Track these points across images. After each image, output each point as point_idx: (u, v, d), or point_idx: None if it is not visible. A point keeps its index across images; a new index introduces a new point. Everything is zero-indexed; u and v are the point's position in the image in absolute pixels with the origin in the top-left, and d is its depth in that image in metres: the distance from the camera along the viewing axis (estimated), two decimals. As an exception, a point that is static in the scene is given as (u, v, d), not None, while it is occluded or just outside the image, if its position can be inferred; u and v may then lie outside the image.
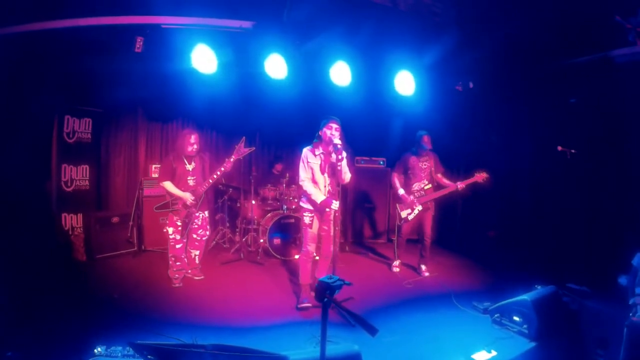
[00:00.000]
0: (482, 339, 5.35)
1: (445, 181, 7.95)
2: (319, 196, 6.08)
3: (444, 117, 9.24)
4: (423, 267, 8.14)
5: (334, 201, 6.03)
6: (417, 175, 7.95)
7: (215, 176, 6.97)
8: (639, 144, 6.69)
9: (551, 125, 7.88)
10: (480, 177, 7.61)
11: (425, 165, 7.95)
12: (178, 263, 7.10)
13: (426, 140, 7.85)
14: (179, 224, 7.01)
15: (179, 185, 6.94)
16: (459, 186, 7.69)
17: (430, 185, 7.93)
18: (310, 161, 6.16)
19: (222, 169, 6.93)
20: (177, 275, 7.07)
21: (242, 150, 6.98)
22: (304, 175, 6.18)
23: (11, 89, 6.67)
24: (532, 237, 8.20)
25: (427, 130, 7.90)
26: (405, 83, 7.90)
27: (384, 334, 5.42)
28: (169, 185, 6.89)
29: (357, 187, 10.60)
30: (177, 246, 7.05)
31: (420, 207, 7.91)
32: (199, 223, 7.23)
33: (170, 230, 7.03)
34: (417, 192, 7.92)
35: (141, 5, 6.34)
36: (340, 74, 7.53)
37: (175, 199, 6.94)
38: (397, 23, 6.89)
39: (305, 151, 6.23)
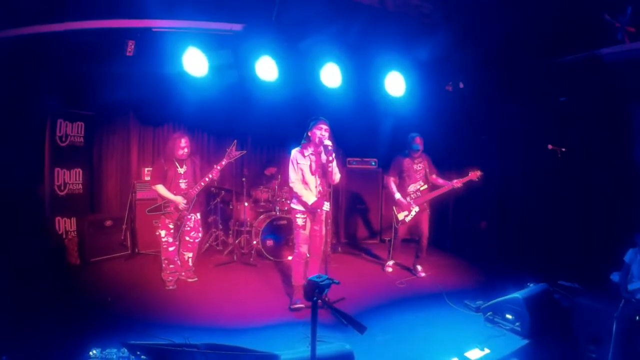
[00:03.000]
0: (475, 337, 5.37)
1: (441, 181, 7.94)
2: (310, 198, 6.10)
3: (435, 118, 9.28)
4: (419, 267, 8.14)
5: (325, 202, 6.05)
6: (412, 177, 7.94)
7: (207, 179, 6.98)
8: (629, 142, 6.73)
9: (541, 123, 7.92)
10: (475, 175, 7.65)
11: (419, 167, 7.94)
12: (171, 266, 7.09)
13: (418, 141, 7.81)
14: (171, 226, 7.01)
15: (170, 188, 6.94)
16: (455, 184, 7.69)
17: (425, 186, 7.93)
18: (299, 162, 6.17)
19: (213, 172, 6.95)
20: (170, 278, 7.07)
21: (233, 153, 6.99)
22: (294, 177, 6.19)
23: (3, 92, 6.67)
24: (524, 235, 8.24)
25: (418, 131, 7.91)
26: (395, 84, 7.95)
27: (376, 333, 5.46)
28: (161, 189, 6.89)
29: (349, 188, 10.64)
30: (170, 249, 7.05)
31: (417, 209, 7.92)
32: (192, 225, 7.23)
33: (163, 233, 7.02)
34: (413, 193, 7.92)
35: (132, 9, 6.34)
36: (331, 75, 7.57)
37: (168, 201, 6.95)
38: (386, 24, 6.91)
39: (294, 152, 6.23)
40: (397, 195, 7.92)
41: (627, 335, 4.52)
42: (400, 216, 8.01)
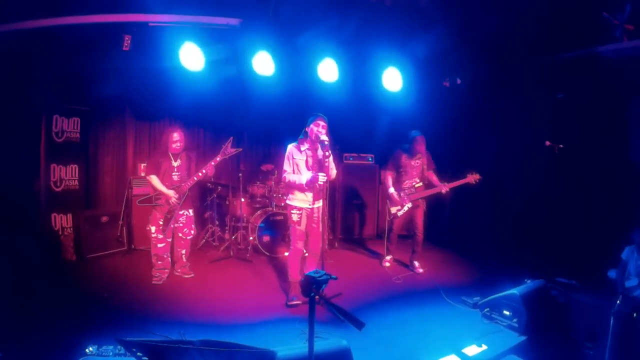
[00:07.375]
0: (472, 333, 5.38)
1: (435, 179, 7.96)
2: (303, 177, 6.08)
3: (432, 113, 9.27)
4: (416, 263, 8.14)
5: (320, 175, 5.98)
6: (409, 173, 7.98)
7: (200, 174, 6.92)
8: (627, 139, 6.73)
9: (539, 120, 7.91)
10: (473, 178, 7.63)
11: (417, 163, 7.96)
12: (159, 262, 7.06)
13: (420, 141, 7.81)
14: (160, 222, 6.97)
15: (163, 179, 6.92)
16: (443, 190, 7.73)
17: (421, 183, 7.95)
18: (295, 157, 6.17)
19: (207, 168, 6.90)
20: (158, 274, 7.05)
21: (228, 150, 6.93)
22: (288, 169, 6.19)
23: (-1, 88, 6.66)
24: (521, 232, 8.22)
25: (415, 127, 7.88)
26: (392, 79, 7.93)
27: (373, 329, 5.46)
28: (154, 179, 6.87)
29: (346, 184, 10.61)
30: (159, 245, 7.01)
31: (409, 204, 7.95)
32: (184, 222, 7.20)
33: (153, 229, 7.00)
34: (408, 189, 7.95)
35: (128, 3, 6.32)
36: (328, 70, 7.54)
37: (159, 193, 6.93)
38: (383, 19, 6.90)
39: (290, 147, 6.22)
40: (391, 190, 8.00)
41: (623, 332, 4.52)
42: (393, 210, 8.09)
